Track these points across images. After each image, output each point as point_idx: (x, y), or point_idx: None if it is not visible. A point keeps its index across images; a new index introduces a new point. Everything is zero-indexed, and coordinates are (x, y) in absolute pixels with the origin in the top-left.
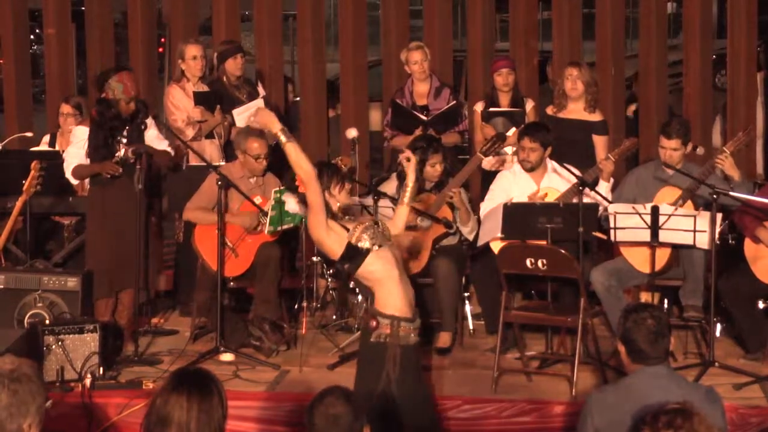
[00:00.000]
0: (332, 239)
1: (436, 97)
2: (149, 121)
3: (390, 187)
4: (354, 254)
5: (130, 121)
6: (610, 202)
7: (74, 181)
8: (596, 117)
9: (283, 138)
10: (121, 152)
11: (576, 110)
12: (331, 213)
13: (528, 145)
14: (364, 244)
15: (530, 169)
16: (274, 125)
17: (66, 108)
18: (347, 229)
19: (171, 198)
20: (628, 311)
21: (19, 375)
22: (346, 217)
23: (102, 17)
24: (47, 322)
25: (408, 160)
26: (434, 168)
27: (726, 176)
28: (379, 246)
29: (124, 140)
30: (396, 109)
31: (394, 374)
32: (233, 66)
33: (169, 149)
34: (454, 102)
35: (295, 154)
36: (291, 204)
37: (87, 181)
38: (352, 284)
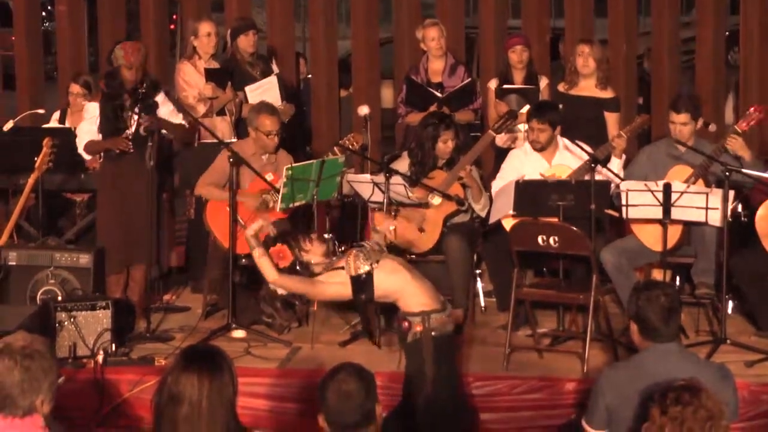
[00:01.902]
0: (336, 289)
1: (450, 74)
2: (161, 97)
3: (402, 164)
4: (361, 283)
5: (141, 98)
6: (622, 180)
7: (87, 157)
8: (608, 94)
9: (253, 242)
10: (133, 128)
11: (588, 87)
12: (319, 267)
13: (537, 126)
14: (363, 268)
15: (540, 149)
16: (251, 228)
17: (75, 88)
18: (342, 267)
19: (182, 174)
20: (638, 289)
21: (32, 352)
22: (333, 258)
23: None
24: (59, 298)
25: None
26: (446, 144)
27: (737, 156)
28: (377, 262)
29: (136, 115)
30: (411, 85)
31: (434, 364)
32: (245, 42)
33: (184, 122)
34: (469, 80)
35: (261, 261)
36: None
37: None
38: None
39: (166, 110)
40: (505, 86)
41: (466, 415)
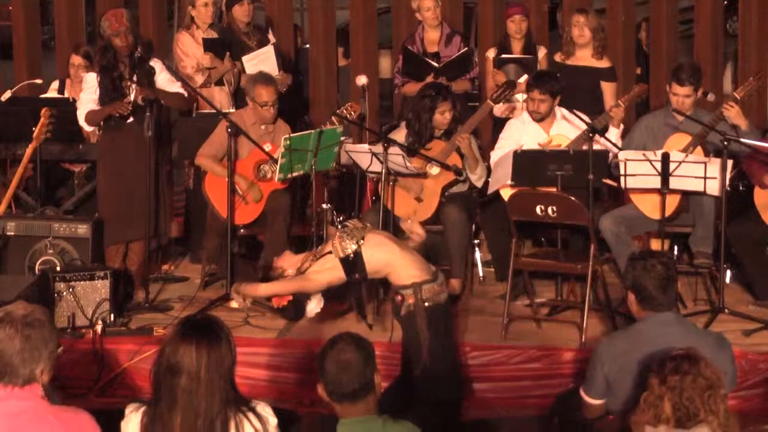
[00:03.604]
0: (329, 275)
1: (447, 44)
2: (159, 65)
3: (400, 135)
4: (352, 264)
5: (137, 65)
6: (620, 149)
7: (88, 128)
8: (604, 63)
9: (241, 291)
10: (132, 96)
11: (584, 57)
12: (307, 263)
13: (538, 96)
14: (350, 248)
15: (540, 120)
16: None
17: (77, 59)
18: (330, 252)
19: (181, 145)
20: (635, 259)
21: (32, 320)
22: (318, 248)
23: None
24: (58, 268)
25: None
26: (443, 116)
27: (733, 125)
28: (363, 238)
29: (134, 85)
30: (407, 55)
31: (429, 335)
32: (240, 12)
33: (182, 90)
34: (466, 49)
35: (261, 293)
36: (313, 306)
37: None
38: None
39: (163, 78)
40: (503, 56)
41: (461, 385)
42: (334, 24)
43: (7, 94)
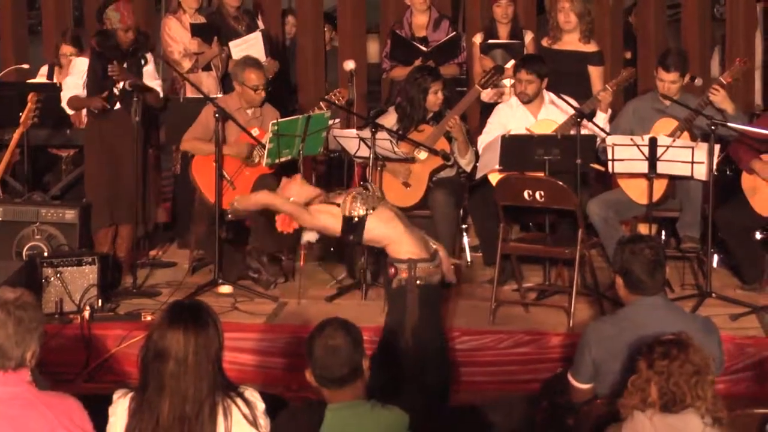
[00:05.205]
0: (325, 220)
1: (435, 28)
2: (149, 55)
3: (388, 120)
4: (353, 225)
5: (130, 55)
6: (608, 134)
7: (69, 111)
8: (591, 48)
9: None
10: (120, 84)
11: (571, 41)
12: (315, 202)
13: (525, 77)
14: (358, 212)
15: (527, 102)
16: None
17: (67, 49)
18: (338, 204)
19: (168, 130)
20: (623, 243)
21: (23, 303)
22: (337, 191)
23: None
24: (46, 254)
25: None
26: (437, 95)
27: (719, 109)
28: (373, 209)
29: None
30: (396, 40)
31: (416, 313)
32: None
33: (158, 89)
34: (454, 33)
35: (247, 202)
36: (309, 236)
37: (84, 112)
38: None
39: (148, 70)
40: (490, 41)
41: (446, 368)
42: (322, 9)
43: None
